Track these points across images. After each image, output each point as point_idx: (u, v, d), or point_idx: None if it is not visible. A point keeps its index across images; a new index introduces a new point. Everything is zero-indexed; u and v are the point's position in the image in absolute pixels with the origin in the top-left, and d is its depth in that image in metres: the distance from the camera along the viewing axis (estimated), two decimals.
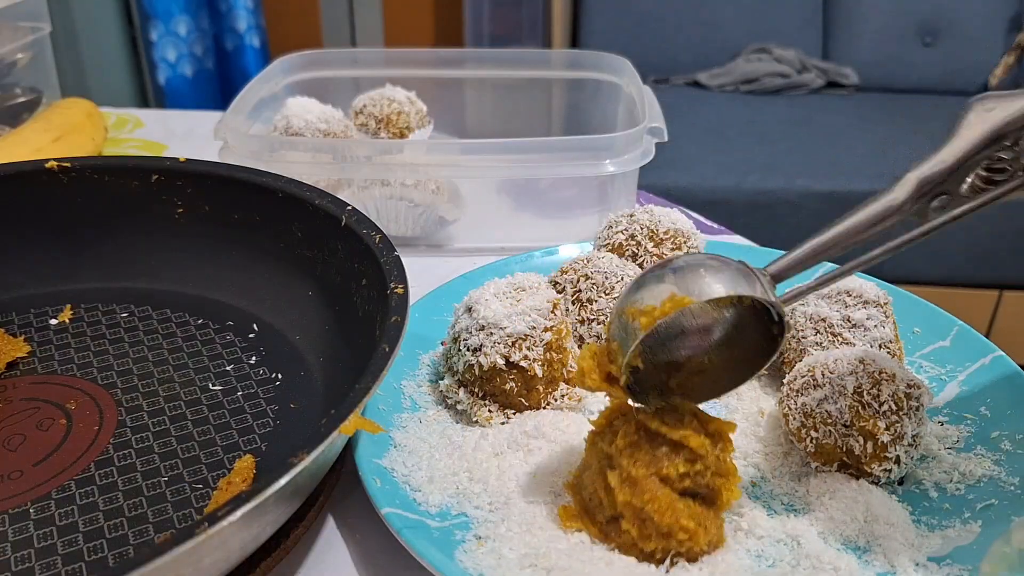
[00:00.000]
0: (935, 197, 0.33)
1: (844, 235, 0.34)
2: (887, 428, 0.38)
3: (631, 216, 0.54)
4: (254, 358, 0.48)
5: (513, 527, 0.37)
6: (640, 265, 0.52)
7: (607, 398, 0.47)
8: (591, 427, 0.38)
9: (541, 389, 0.44)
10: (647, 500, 0.34)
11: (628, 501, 0.35)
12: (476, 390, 0.44)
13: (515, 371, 0.43)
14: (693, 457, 0.35)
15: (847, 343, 0.44)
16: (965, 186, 0.33)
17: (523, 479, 0.40)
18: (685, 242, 0.53)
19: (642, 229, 0.53)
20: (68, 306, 0.52)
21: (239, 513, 0.28)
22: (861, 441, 0.38)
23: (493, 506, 0.38)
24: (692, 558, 0.35)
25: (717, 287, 0.32)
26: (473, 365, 0.43)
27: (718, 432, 0.36)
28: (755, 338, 0.36)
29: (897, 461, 0.39)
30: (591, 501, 0.37)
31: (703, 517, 0.35)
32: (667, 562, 0.35)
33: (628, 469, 0.35)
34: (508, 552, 0.35)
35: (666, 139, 0.63)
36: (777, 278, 0.34)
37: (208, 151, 0.61)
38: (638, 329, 0.33)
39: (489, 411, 0.44)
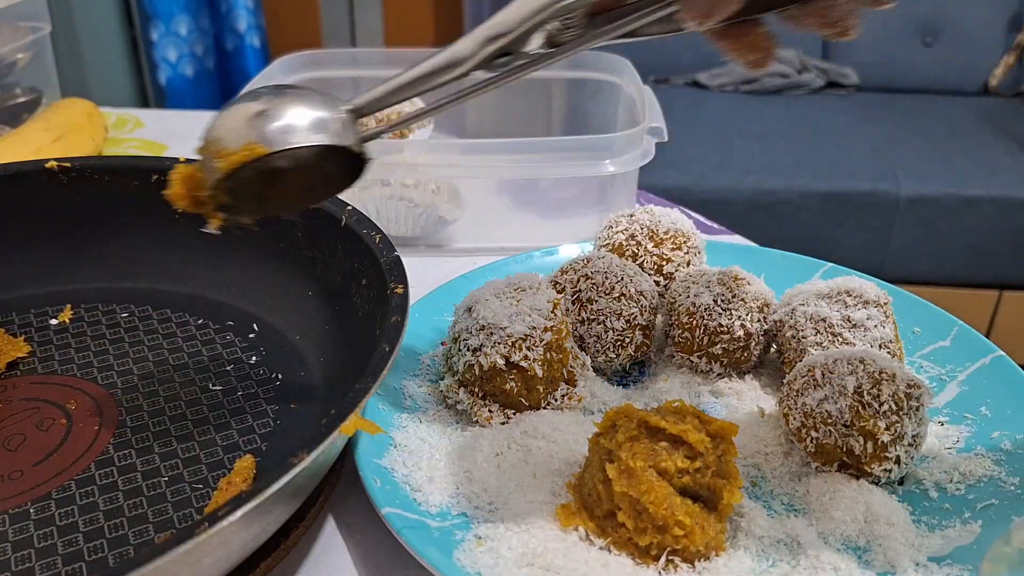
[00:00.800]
0: (502, 55, 0.34)
1: (418, 79, 0.34)
2: (887, 428, 0.38)
3: (631, 216, 0.54)
4: (254, 358, 0.48)
5: (512, 527, 0.37)
6: (640, 265, 0.52)
7: (607, 401, 0.47)
8: (592, 427, 0.38)
9: (541, 389, 0.44)
10: (643, 491, 0.35)
11: (624, 492, 0.35)
12: (476, 390, 0.44)
13: (515, 371, 0.43)
14: (692, 454, 0.35)
15: (847, 343, 0.44)
16: (534, 44, 0.34)
17: (523, 479, 0.40)
18: (685, 242, 0.53)
19: (642, 229, 0.53)
20: (68, 306, 0.52)
21: (239, 513, 0.28)
22: (861, 441, 0.38)
23: (493, 506, 0.38)
24: (688, 558, 0.35)
25: (293, 137, 0.33)
26: (473, 365, 0.43)
27: (720, 433, 0.36)
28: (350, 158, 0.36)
29: (897, 461, 0.39)
30: (590, 496, 0.37)
31: (701, 517, 0.35)
32: (662, 560, 0.35)
33: (627, 461, 0.35)
34: (507, 552, 0.35)
35: (666, 139, 0.63)
36: (359, 113, 0.35)
37: None
38: (216, 170, 0.33)
39: (489, 411, 0.44)
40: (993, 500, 0.39)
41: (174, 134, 0.87)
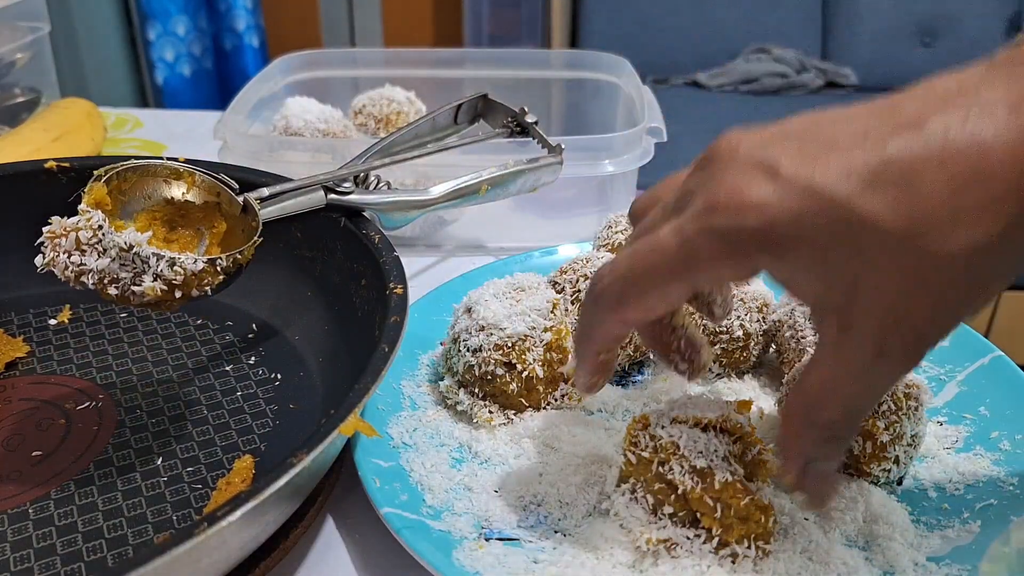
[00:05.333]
0: None
1: None
2: (886, 428, 0.38)
3: None
4: (253, 358, 0.48)
5: (512, 527, 0.37)
6: None
7: (607, 401, 0.47)
8: (595, 426, 0.38)
9: (541, 389, 0.44)
10: (719, 491, 0.34)
11: (700, 497, 0.34)
12: (476, 391, 0.44)
13: (515, 372, 0.43)
14: (737, 437, 0.36)
15: None
16: None
17: (523, 479, 0.40)
18: None
19: None
20: (67, 306, 0.52)
21: (238, 513, 0.28)
22: (860, 441, 0.38)
23: (492, 507, 0.38)
24: (767, 538, 0.35)
25: None
26: (473, 366, 0.43)
27: (742, 410, 0.37)
28: None
29: (896, 461, 0.39)
30: (652, 510, 0.36)
31: (762, 494, 0.35)
32: (743, 548, 0.34)
33: (691, 461, 0.34)
34: (507, 552, 0.35)
35: (665, 139, 0.63)
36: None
37: (207, 151, 0.61)
38: None
39: (489, 412, 0.44)
40: (992, 500, 0.39)
41: (173, 134, 0.87)
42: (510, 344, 0.43)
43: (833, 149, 0.26)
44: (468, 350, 0.44)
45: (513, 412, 0.44)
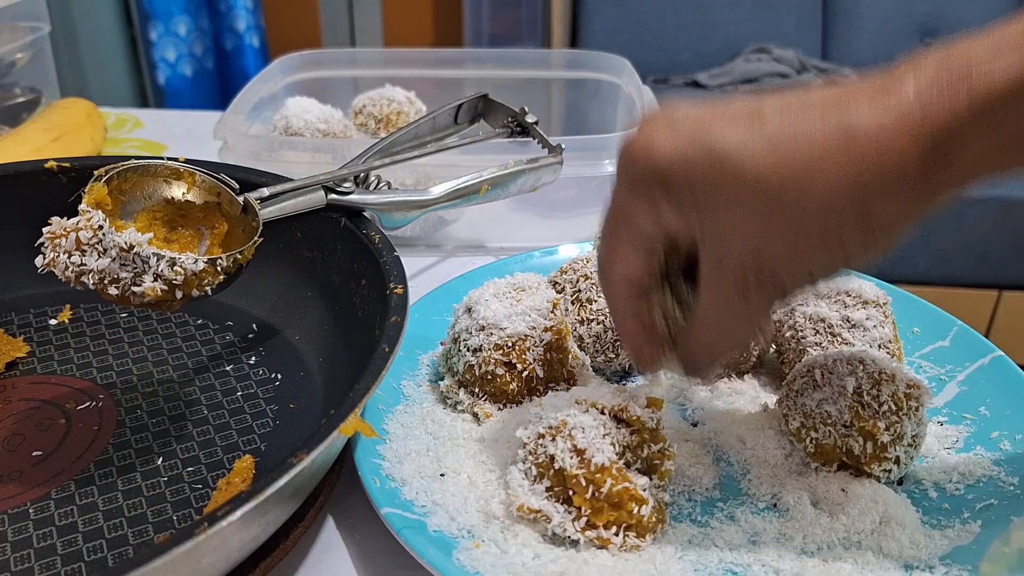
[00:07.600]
0: None
1: None
2: (887, 428, 0.38)
3: None
4: (253, 358, 0.48)
5: (511, 527, 0.37)
6: None
7: None
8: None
9: (541, 389, 0.44)
10: (594, 472, 0.35)
11: (575, 476, 0.35)
12: (476, 390, 0.44)
13: (515, 372, 0.43)
14: (634, 429, 0.37)
15: (847, 343, 0.44)
16: None
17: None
18: None
19: None
20: (67, 306, 0.52)
21: (239, 513, 0.28)
22: (861, 441, 0.38)
23: (492, 507, 0.38)
24: (641, 532, 0.36)
25: None
26: (473, 366, 0.43)
27: (652, 404, 0.38)
28: None
29: (897, 461, 0.39)
30: (533, 481, 0.37)
31: (647, 488, 0.36)
32: (620, 536, 0.35)
33: (575, 440, 0.36)
34: (506, 552, 0.35)
35: None
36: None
37: (208, 151, 0.61)
38: None
39: (489, 412, 0.44)
40: (992, 500, 0.39)
41: (173, 134, 0.87)
42: (510, 344, 0.43)
43: (726, 116, 0.31)
44: (468, 350, 0.44)
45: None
